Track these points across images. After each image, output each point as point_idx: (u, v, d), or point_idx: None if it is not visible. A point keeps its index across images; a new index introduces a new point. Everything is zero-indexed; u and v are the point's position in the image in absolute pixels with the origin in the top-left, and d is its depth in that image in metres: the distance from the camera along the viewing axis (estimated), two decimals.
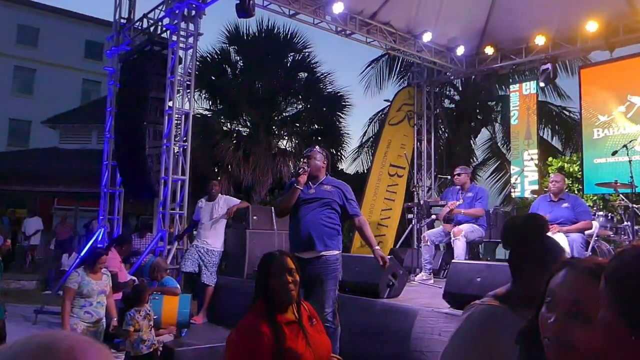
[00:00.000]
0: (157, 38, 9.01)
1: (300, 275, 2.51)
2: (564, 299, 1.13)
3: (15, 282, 11.39)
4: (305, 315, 2.48)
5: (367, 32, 9.72)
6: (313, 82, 16.62)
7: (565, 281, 1.16)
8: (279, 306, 2.39)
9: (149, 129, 8.37)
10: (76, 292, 4.78)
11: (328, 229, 4.16)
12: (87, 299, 4.78)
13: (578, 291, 1.12)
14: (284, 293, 2.39)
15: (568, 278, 1.16)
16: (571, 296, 1.12)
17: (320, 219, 4.16)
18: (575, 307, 1.11)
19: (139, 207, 15.09)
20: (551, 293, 1.16)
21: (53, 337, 0.66)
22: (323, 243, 4.12)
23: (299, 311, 2.44)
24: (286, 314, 2.40)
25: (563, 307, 1.13)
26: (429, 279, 6.65)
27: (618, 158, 7.37)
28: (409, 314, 4.53)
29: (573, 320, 1.10)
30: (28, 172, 15.56)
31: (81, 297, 4.78)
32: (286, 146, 16.60)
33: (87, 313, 4.78)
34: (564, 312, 1.12)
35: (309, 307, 2.61)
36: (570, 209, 5.99)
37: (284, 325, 2.34)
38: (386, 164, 11.18)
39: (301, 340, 2.33)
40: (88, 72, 24.72)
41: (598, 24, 8.83)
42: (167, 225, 7.81)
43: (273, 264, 2.44)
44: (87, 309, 4.78)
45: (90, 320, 4.79)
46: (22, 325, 7.39)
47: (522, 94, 10.65)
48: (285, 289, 2.39)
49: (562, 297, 1.14)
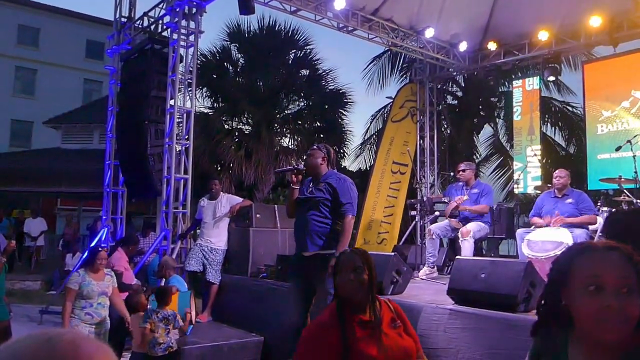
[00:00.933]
0: (157, 36, 8.98)
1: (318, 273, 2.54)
2: (612, 278, 1.21)
3: (20, 282, 11.41)
4: (387, 317, 2.36)
5: (369, 28, 9.68)
6: (315, 79, 16.59)
7: (608, 262, 1.24)
8: (350, 305, 2.29)
9: (150, 128, 8.35)
10: (77, 292, 4.77)
11: (319, 227, 4.15)
12: (88, 300, 4.77)
13: (621, 268, 1.21)
14: (347, 290, 2.30)
15: (609, 259, 1.24)
16: (619, 273, 1.21)
17: (310, 219, 4.17)
18: (623, 282, 1.20)
19: (142, 206, 15.10)
20: (595, 277, 1.23)
21: (56, 331, 0.67)
22: (314, 243, 4.13)
23: (374, 311, 2.31)
24: (362, 314, 2.28)
25: (613, 285, 1.20)
26: (433, 273, 6.62)
27: (622, 153, 7.33)
28: (414, 311, 4.51)
29: (624, 295, 1.19)
30: (31, 173, 15.57)
31: (82, 298, 4.77)
32: (288, 144, 16.60)
33: (88, 314, 4.76)
34: (615, 289, 1.20)
35: (396, 307, 2.49)
36: (574, 205, 5.96)
37: (357, 325, 2.23)
38: (389, 161, 11.15)
39: (375, 342, 2.19)
40: (89, 72, 24.73)
41: (602, 19, 8.78)
42: (170, 224, 7.80)
43: (340, 261, 2.39)
44: (87, 310, 4.76)
45: (92, 321, 4.78)
46: (28, 326, 7.40)
47: (525, 89, 10.61)
48: (348, 286, 2.29)
49: (610, 277, 1.21)
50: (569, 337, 1.33)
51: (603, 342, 1.22)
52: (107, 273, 5.04)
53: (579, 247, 1.36)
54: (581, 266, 1.27)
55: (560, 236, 5.52)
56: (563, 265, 1.33)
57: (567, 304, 1.29)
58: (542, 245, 5.53)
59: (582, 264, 1.27)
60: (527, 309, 3.98)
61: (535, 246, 5.58)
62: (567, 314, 1.30)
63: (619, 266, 1.22)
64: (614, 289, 1.20)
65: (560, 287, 1.31)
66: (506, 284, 4.01)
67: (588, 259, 1.27)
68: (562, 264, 1.34)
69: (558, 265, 1.36)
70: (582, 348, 1.29)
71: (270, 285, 6.31)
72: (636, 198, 6.27)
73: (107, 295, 4.94)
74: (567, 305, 1.29)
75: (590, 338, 1.25)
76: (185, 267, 6.81)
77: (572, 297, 1.27)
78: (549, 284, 1.38)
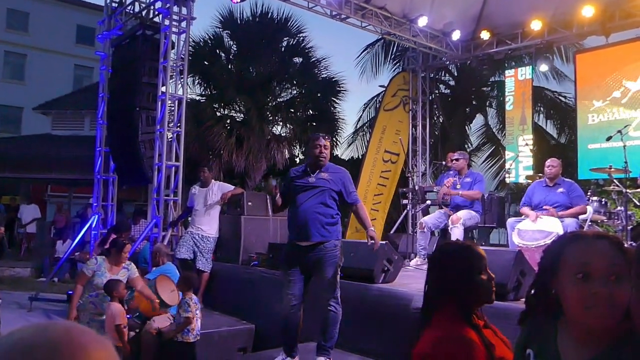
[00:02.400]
0: (149, 22, 8.89)
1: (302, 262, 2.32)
2: (601, 266, 1.23)
3: (10, 269, 11.35)
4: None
5: (362, 16, 9.63)
6: (308, 67, 16.51)
7: (597, 250, 1.26)
8: (474, 309, 1.93)
9: (141, 115, 8.29)
10: (88, 279, 4.74)
11: (324, 217, 4.11)
12: (96, 290, 4.73)
13: (609, 256, 1.24)
14: (490, 293, 1.97)
15: (598, 247, 1.26)
16: (607, 261, 1.23)
17: (316, 207, 4.11)
18: (612, 270, 1.22)
19: (133, 193, 15.03)
20: (585, 265, 1.25)
21: (54, 321, 0.69)
22: (319, 232, 4.08)
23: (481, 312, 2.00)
24: (477, 318, 1.95)
25: (601, 273, 1.22)
26: (424, 264, 6.65)
27: (612, 143, 7.36)
28: (404, 299, 4.54)
29: (613, 283, 1.21)
30: (20, 159, 15.45)
31: (91, 286, 4.74)
32: (280, 132, 16.55)
33: (92, 303, 4.73)
34: (604, 277, 1.22)
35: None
36: (566, 194, 5.99)
37: (484, 331, 1.89)
38: (381, 150, 11.16)
39: (501, 344, 1.90)
40: (80, 58, 24.44)
41: (594, 9, 8.79)
42: (161, 211, 7.77)
43: (476, 258, 1.98)
44: (92, 299, 4.74)
45: (94, 311, 4.73)
46: (17, 313, 7.36)
47: (517, 79, 10.62)
48: (491, 287, 1.97)
49: (599, 264, 1.24)
50: (558, 325, 1.34)
51: (592, 329, 1.24)
52: (124, 267, 4.98)
53: (569, 236, 1.39)
54: (571, 254, 1.29)
55: (551, 225, 5.56)
56: (553, 253, 1.34)
57: (557, 292, 1.31)
58: (532, 234, 5.58)
59: (572, 252, 1.29)
60: (517, 297, 4.02)
61: (526, 235, 5.62)
62: (556, 303, 1.31)
63: (607, 254, 1.24)
64: (603, 276, 1.22)
65: (550, 276, 1.32)
66: (496, 272, 3.99)
67: (577, 248, 1.29)
68: (552, 253, 1.35)
69: (548, 254, 1.37)
70: (572, 335, 1.31)
71: (262, 273, 6.32)
72: (626, 188, 6.32)
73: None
74: (557, 293, 1.31)
75: (579, 325, 1.27)
76: (175, 254, 6.79)
77: (562, 285, 1.29)
78: (539, 273, 1.40)
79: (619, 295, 1.20)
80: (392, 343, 4.37)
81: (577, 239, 1.33)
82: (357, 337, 4.65)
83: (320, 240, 4.08)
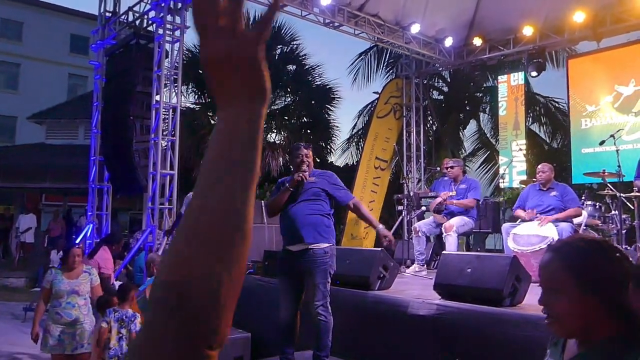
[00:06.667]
0: (143, 31, 8.91)
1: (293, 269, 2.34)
2: (542, 279, 1.32)
3: (4, 279, 11.28)
4: None
5: (355, 24, 9.67)
6: (301, 74, 16.57)
7: (542, 263, 1.33)
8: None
9: (135, 124, 8.30)
10: (49, 292, 4.64)
11: (315, 219, 4.11)
12: (57, 299, 4.59)
13: (547, 269, 1.30)
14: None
15: (543, 259, 1.33)
16: (545, 274, 1.31)
17: (306, 211, 4.11)
18: (549, 284, 1.29)
19: (128, 202, 14.99)
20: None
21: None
22: (311, 235, 4.06)
23: None
24: None
25: (543, 285, 1.31)
26: (422, 271, 6.58)
27: (606, 148, 7.40)
28: (400, 306, 4.53)
29: (550, 294, 1.27)
30: (15, 169, 15.40)
31: (53, 297, 4.61)
32: (275, 139, 16.56)
33: (57, 314, 4.57)
34: (545, 289, 1.30)
35: None
36: (559, 197, 6.01)
37: None
38: (372, 157, 11.21)
39: None
40: (74, 67, 24.39)
41: (585, 15, 8.85)
42: (156, 220, 7.75)
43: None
44: (56, 309, 4.57)
45: (61, 321, 4.55)
46: (11, 323, 7.32)
47: (510, 84, 10.68)
48: None
49: (541, 277, 1.32)
50: None
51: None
52: (84, 270, 4.78)
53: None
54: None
55: (546, 230, 5.58)
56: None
57: None
58: (527, 239, 5.59)
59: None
60: (513, 303, 4.02)
61: (521, 240, 5.63)
62: None
63: (546, 268, 1.32)
64: (544, 288, 1.31)
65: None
66: (492, 278, 4.04)
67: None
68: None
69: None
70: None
71: (257, 280, 6.30)
72: (619, 192, 6.35)
73: (81, 294, 4.66)
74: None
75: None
76: None
77: None
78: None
79: (556, 307, 1.26)
80: (389, 350, 4.36)
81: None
82: (354, 344, 4.63)
83: (311, 242, 4.06)
